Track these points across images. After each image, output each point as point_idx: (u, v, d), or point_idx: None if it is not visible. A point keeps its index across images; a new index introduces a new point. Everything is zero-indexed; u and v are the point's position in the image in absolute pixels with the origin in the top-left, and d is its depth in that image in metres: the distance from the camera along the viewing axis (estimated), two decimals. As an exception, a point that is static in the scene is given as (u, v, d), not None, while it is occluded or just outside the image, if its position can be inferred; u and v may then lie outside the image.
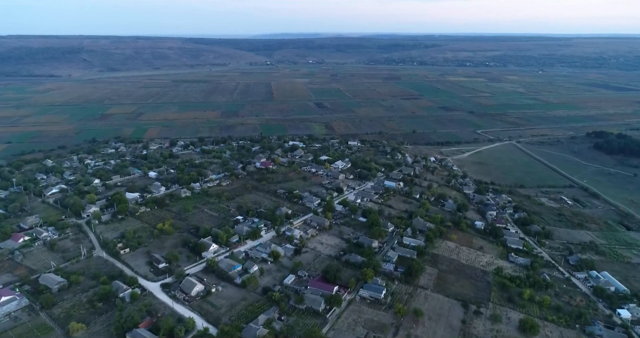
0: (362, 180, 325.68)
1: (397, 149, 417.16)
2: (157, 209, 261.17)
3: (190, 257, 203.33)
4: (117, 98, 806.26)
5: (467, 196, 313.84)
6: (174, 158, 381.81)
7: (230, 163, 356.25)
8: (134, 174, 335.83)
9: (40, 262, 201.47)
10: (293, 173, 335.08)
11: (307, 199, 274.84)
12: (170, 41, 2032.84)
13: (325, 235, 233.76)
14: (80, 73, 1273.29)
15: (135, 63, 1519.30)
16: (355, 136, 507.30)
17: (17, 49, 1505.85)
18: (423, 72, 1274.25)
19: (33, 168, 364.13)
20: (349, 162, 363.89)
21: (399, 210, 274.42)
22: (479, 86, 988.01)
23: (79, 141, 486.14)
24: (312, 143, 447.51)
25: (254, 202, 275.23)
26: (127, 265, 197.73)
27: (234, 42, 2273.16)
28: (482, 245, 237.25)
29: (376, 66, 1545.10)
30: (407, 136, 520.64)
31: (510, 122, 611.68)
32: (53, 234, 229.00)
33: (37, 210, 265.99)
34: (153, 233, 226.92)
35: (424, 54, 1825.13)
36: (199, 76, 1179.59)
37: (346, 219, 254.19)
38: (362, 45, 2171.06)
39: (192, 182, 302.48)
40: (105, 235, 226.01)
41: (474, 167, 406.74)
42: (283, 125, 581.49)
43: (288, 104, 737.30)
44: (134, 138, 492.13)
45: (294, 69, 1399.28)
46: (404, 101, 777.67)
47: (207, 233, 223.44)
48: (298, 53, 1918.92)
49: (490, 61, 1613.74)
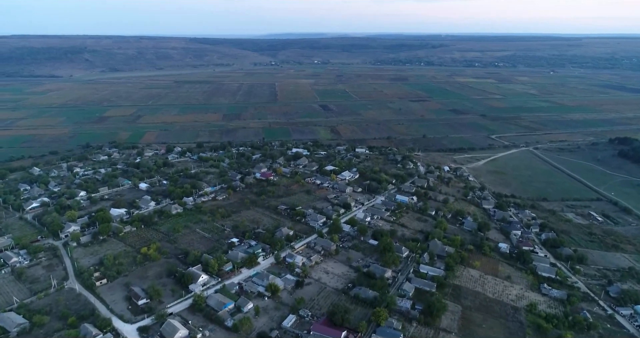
0: (371, 194, 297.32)
1: (408, 157, 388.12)
2: (143, 229, 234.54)
3: (176, 291, 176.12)
4: (116, 100, 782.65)
5: (487, 212, 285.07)
6: (168, 167, 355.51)
7: (229, 173, 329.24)
8: (123, 186, 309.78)
9: (3, 295, 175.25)
10: (296, 186, 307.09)
11: (311, 218, 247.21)
12: (174, 41, 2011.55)
13: (331, 262, 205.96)
14: (82, 73, 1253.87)
15: (138, 63, 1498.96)
16: (363, 142, 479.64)
17: (18, 49, 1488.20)
18: (431, 73, 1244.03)
19: (18, 177, 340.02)
20: (357, 172, 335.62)
21: (413, 230, 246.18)
22: (489, 87, 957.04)
23: (72, 146, 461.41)
24: (317, 149, 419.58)
25: (252, 220, 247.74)
26: (102, 300, 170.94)
27: (238, 42, 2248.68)
28: (509, 273, 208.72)
29: (382, 66, 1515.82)
30: (417, 142, 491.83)
31: (525, 127, 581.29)
32: (24, 259, 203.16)
33: (12, 228, 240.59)
34: (136, 259, 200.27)
35: (431, 55, 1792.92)
36: (202, 77, 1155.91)
37: (355, 241, 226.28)
38: (368, 45, 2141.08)
39: (185, 196, 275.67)
40: (82, 262, 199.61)
41: (491, 177, 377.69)
42: (287, 129, 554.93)
43: (292, 107, 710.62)
44: (130, 143, 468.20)
45: (299, 70, 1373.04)
46: (412, 103, 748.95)
47: (196, 259, 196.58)
48: (303, 53, 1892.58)
49: (499, 62, 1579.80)
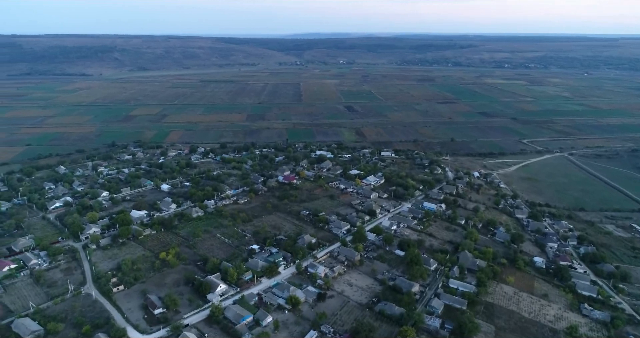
0: (397, 200, 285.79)
1: (436, 162, 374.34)
2: (163, 233, 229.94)
3: (193, 300, 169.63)
4: (143, 98, 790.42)
5: (521, 223, 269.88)
6: (190, 168, 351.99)
7: (251, 175, 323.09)
8: (145, 187, 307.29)
9: (20, 299, 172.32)
10: (319, 190, 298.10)
11: (335, 225, 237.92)
12: (201, 41, 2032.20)
13: (354, 273, 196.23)
14: (111, 72, 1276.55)
15: (165, 62, 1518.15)
16: (388, 145, 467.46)
17: (51, 48, 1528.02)
18: (458, 74, 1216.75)
19: (44, 175, 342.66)
20: (383, 177, 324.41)
21: (441, 241, 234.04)
22: (519, 89, 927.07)
23: (99, 145, 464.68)
24: (341, 152, 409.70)
25: (273, 226, 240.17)
26: (118, 307, 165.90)
27: (264, 41, 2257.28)
28: (546, 291, 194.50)
29: (409, 67, 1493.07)
30: (444, 145, 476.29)
31: (559, 131, 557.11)
32: (43, 261, 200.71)
33: (34, 228, 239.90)
34: (154, 264, 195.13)
35: (459, 55, 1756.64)
36: (228, 76, 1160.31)
37: (380, 252, 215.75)
38: (394, 45, 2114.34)
39: (206, 199, 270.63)
40: (100, 266, 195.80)
41: (523, 184, 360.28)
42: (310, 130, 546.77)
43: (317, 107, 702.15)
44: (154, 142, 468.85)
45: (324, 70, 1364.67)
46: (439, 105, 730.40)
47: (215, 267, 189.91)
48: (328, 53, 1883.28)
49: (530, 63, 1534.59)
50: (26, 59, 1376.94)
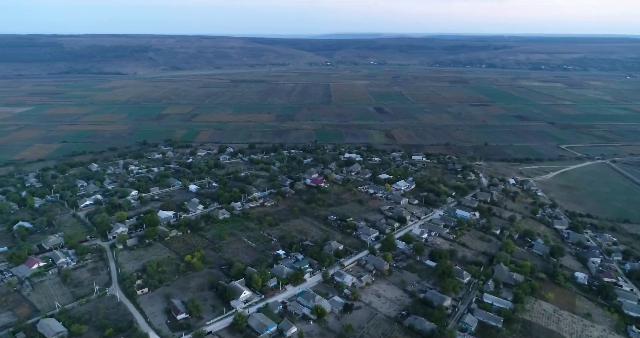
0: (428, 207, 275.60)
1: (469, 167, 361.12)
2: (189, 235, 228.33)
3: (216, 307, 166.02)
4: (175, 98, 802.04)
5: (560, 234, 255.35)
6: (219, 168, 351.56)
7: (278, 177, 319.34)
8: (173, 187, 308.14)
9: (47, 298, 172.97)
10: (348, 194, 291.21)
11: (363, 231, 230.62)
12: (233, 41, 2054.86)
13: (383, 283, 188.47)
14: (146, 71, 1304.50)
15: (198, 62, 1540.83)
16: (419, 148, 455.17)
17: (90, 48, 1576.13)
18: (493, 76, 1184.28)
19: (77, 172, 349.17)
20: (413, 182, 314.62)
21: (475, 251, 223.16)
22: (557, 92, 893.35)
23: (131, 143, 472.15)
24: (371, 155, 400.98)
25: (300, 231, 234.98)
26: (141, 311, 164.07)
27: (294, 42, 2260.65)
28: (588, 310, 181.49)
29: (441, 68, 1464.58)
30: (478, 149, 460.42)
31: (600, 137, 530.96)
32: (71, 260, 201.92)
33: (64, 226, 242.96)
34: (179, 267, 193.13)
35: (493, 56, 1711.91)
36: (258, 76, 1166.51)
37: (410, 261, 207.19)
38: (425, 46, 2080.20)
39: (233, 201, 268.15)
40: (126, 266, 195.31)
41: (562, 192, 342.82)
42: (339, 131, 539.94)
43: (346, 108, 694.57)
44: (184, 141, 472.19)
45: (354, 70, 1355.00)
46: (472, 108, 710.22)
47: (240, 272, 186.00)
48: (359, 54, 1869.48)
49: (568, 65, 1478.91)
50: (66, 58, 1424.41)
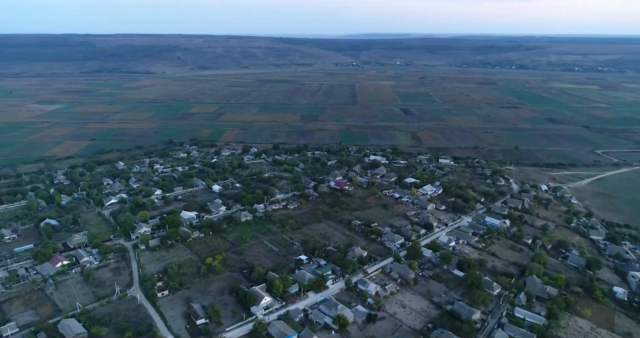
0: (456, 213, 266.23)
1: (499, 172, 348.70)
2: (211, 236, 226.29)
3: (236, 312, 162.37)
4: (201, 97, 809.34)
5: (596, 245, 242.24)
6: (242, 169, 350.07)
7: (302, 180, 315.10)
8: (197, 187, 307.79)
9: (69, 298, 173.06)
10: (372, 198, 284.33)
11: (388, 237, 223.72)
12: (259, 40, 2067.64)
13: (408, 293, 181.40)
14: (174, 70, 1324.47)
15: (224, 62, 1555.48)
16: (446, 151, 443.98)
17: (120, 47, 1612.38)
18: (523, 77, 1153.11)
19: (104, 170, 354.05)
20: (440, 187, 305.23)
21: (505, 262, 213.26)
22: (591, 94, 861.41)
23: (157, 141, 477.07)
24: (396, 158, 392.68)
25: (323, 235, 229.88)
26: (161, 314, 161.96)
27: (320, 42, 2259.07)
28: (629, 329, 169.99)
29: (469, 69, 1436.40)
30: (508, 153, 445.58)
31: (638, 142, 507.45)
32: (94, 259, 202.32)
33: (89, 224, 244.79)
34: (200, 269, 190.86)
35: (524, 57, 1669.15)
36: (284, 76, 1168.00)
37: (436, 270, 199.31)
38: (453, 46, 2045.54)
39: (256, 202, 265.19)
40: (148, 267, 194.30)
41: (598, 200, 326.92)
42: (364, 133, 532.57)
43: (372, 109, 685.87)
44: (209, 141, 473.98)
45: (380, 71, 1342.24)
46: (502, 110, 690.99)
47: (261, 277, 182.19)
48: (385, 54, 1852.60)
49: (603, 66, 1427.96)
50: (97, 57, 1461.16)
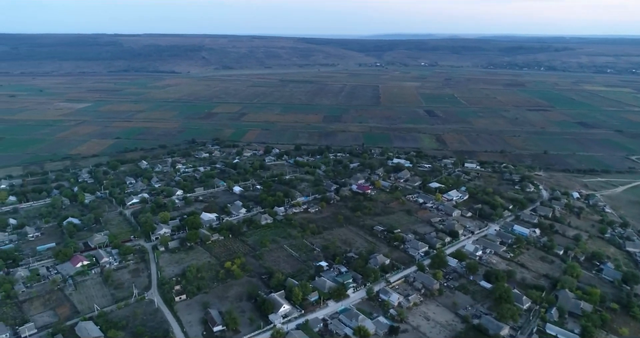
0: (483, 220, 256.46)
1: (527, 177, 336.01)
2: (230, 239, 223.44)
3: (254, 320, 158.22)
4: (225, 96, 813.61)
5: (633, 258, 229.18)
6: (263, 170, 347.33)
7: (324, 182, 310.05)
8: (218, 187, 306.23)
9: (88, 299, 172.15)
10: (395, 203, 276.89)
11: (411, 245, 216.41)
12: (283, 41, 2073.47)
13: (432, 305, 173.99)
14: (198, 70, 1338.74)
15: (248, 62, 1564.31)
16: (472, 154, 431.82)
17: (147, 47, 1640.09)
18: (552, 79, 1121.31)
19: (127, 169, 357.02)
20: (466, 192, 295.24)
21: (536, 273, 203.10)
22: (625, 97, 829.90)
23: (180, 141, 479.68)
24: (421, 161, 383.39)
25: (344, 241, 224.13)
26: (178, 319, 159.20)
27: (344, 42, 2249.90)
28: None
29: (496, 70, 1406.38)
30: (536, 158, 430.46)
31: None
32: (114, 259, 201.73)
33: (110, 224, 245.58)
34: (218, 274, 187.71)
35: (553, 58, 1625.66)
36: (307, 76, 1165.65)
37: (462, 281, 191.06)
38: (479, 47, 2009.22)
39: (277, 205, 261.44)
40: (166, 270, 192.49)
41: (634, 209, 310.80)
42: (388, 135, 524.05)
43: (395, 111, 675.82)
44: (231, 141, 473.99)
45: (405, 72, 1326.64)
46: (530, 113, 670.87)
47: (280, 284, 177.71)
48: (409, 54, 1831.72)
49: (637, 68, 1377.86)
50: (125, 56, 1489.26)
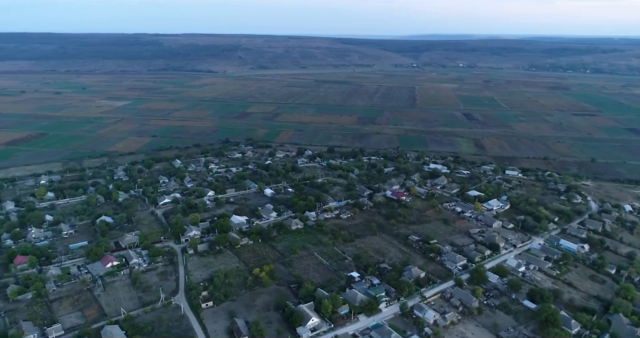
0: (526, 233, 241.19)
1: (574, 187, 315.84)
2: (260, 244, 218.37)
3: (281, 332, 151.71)
4: (259, 96, 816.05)
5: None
6: (295, 172, 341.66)
7: (357, 187, 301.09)
8: (249, 189, 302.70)
9: (115, 302, 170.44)
10: (431, 211, 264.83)
11: (448, 257, 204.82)
12: (319, 41, 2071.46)
13: (471, 325, 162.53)
14: (234, 70, 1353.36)
15: (284, 61, 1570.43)
16: (513, 161, 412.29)
17: (185, 46, 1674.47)
18: (599, 82, 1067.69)
19: (161, 167, 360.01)
20: (508, 202, 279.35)
21: (585, 294, 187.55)
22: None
23: (214, 140, 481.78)
24: (458, 167, 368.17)
25: (377, 250, 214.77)
26: (204, 327, 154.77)
27: (379, 42, 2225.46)
28: None
29: (538, 72, 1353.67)
30: (583, 166, 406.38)
31: None
32: (143, 261, 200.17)
33: (142, 223, 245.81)
34: (247, 280, 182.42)
35: (600, 60, 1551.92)
36: (342, 77, 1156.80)
37: (503, 299, 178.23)
38: (521, 48, 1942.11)
39: (308, 210, 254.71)
40: (194, 274, 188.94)
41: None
42: (424, 138, 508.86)
43: (432, 113, 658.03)
44: (264, 141, 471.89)
45: (442, 73, 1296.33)
46: (575, 118, 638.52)
47: (309, 294, 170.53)
48: (447, 55, 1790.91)
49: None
50: (164, 55, 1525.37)
